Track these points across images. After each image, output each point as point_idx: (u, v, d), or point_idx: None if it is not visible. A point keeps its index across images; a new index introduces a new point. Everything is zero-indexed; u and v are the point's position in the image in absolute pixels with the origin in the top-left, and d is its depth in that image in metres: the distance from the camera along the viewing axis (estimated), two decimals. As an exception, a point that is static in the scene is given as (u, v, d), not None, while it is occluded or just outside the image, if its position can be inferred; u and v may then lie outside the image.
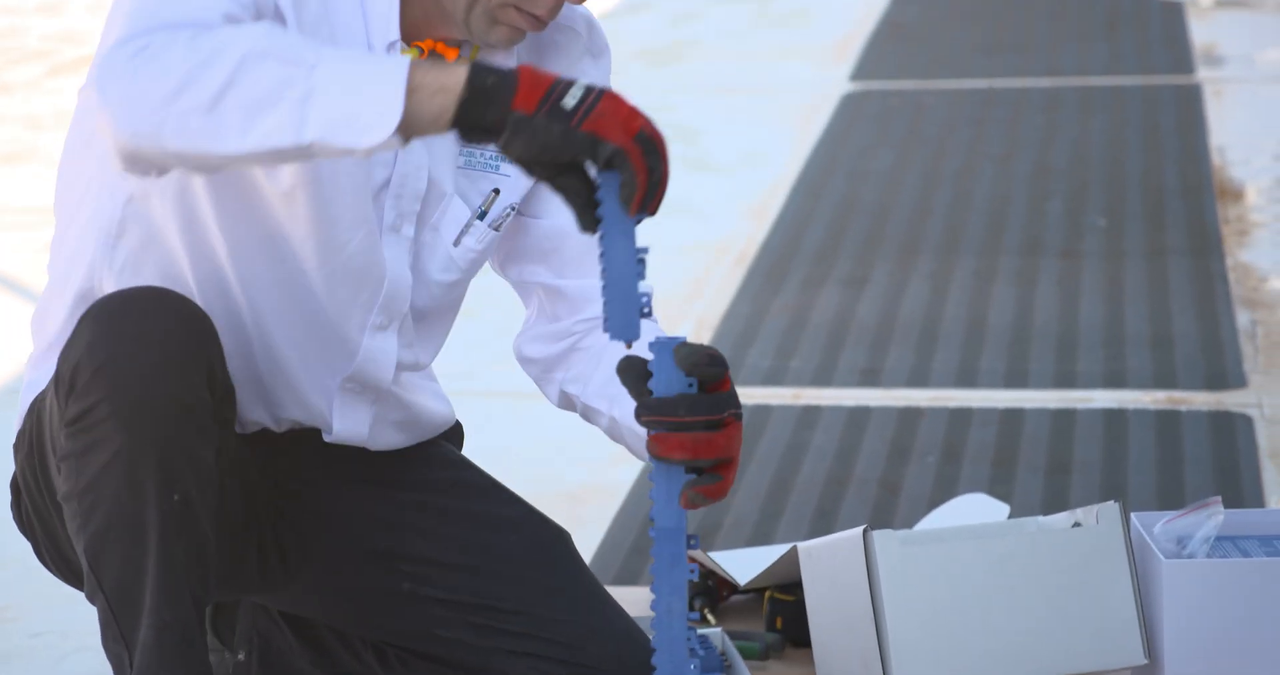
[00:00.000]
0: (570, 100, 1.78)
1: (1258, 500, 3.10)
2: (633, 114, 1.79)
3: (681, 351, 1.91)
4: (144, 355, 1.94)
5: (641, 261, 1.87)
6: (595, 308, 2.19)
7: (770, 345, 3.85)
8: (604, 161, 1.79)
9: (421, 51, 2.05)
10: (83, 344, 1.96)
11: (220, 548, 2.01)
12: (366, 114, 1.76)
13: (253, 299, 2.07)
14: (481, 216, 2.14)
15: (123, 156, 1.83)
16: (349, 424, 2.17)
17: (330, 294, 2.08)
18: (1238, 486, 3.16)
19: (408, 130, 1.77)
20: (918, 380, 3.67)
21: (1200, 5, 6.63)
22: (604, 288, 1.87)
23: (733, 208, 4.72)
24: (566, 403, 2.25)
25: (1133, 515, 2.45)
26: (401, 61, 1.78)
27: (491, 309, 3.10)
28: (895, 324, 3.95)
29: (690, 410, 1.91)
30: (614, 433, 2.19)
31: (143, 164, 1.84)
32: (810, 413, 3.52)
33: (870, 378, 3.69)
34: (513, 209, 2.16)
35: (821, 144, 5.24)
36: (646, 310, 1.88)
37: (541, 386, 2.27)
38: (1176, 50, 6.05)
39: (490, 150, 2.12)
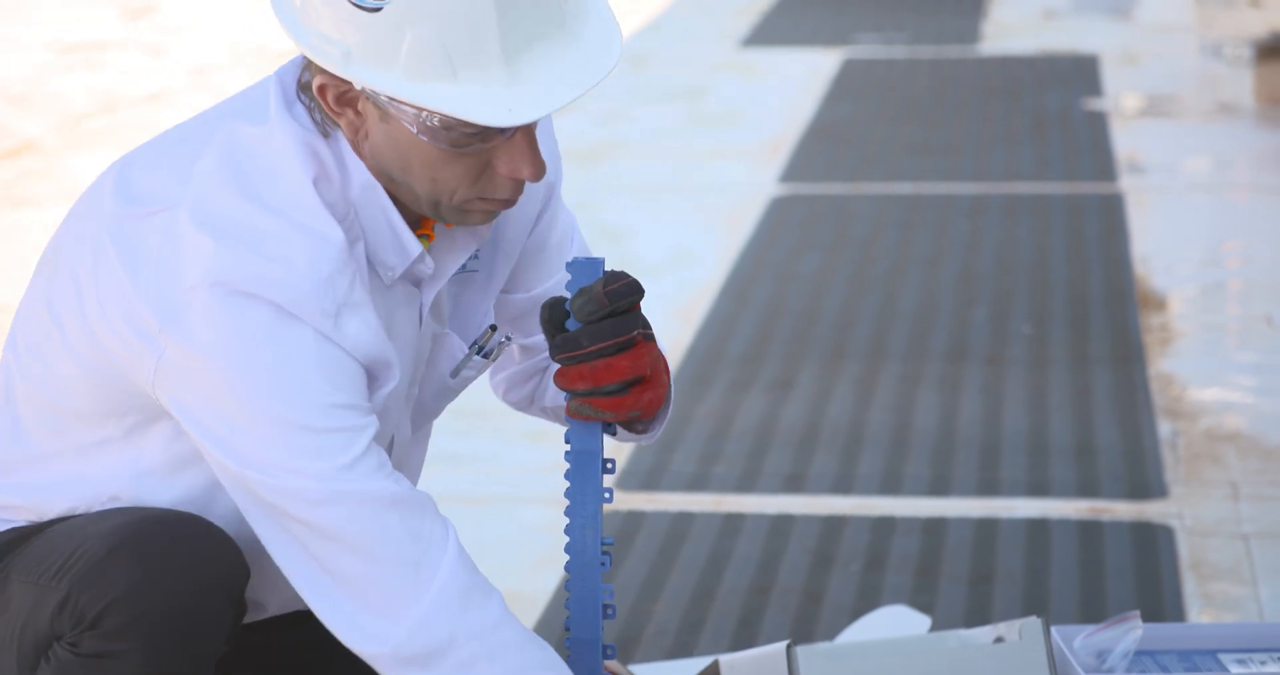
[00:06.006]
0: None
1: (1178, 613, 3.11)
2: None
3: (592, 290, 1.95)
4: (183, 613, 1.93)
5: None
6: None
7: (694, 451, 3.84)
8: None
9: (429, 237, 2.04)
10: (121, 584, 1.93)
11: None
12: None
13: None
14: (479, 352, 2.15)
15: None
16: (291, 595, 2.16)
17: None
18: (1159, 598, 3.17)
19: None
20: (842, 487, 3.67)
21: (1124, 113, 6.70)
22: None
23: (659, 310, 4.73)
24: (556, 416, 2.29)
25: (1053, 628, 2.45)
26: None
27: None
28: (820, 429, 3.95)
29: (592, 338, 1.96)
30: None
31: None
32: (733, 520, 3.52)
33: (794, 484, 3.68)
34: (508, 338, 2.17)
35: (749, 246, 5.26)
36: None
37: (530, 413, 2.33)
38: (1100, 157, 6.12)
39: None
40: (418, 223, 2.03)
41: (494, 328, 2.15)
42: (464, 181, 1.96)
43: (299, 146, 1.94)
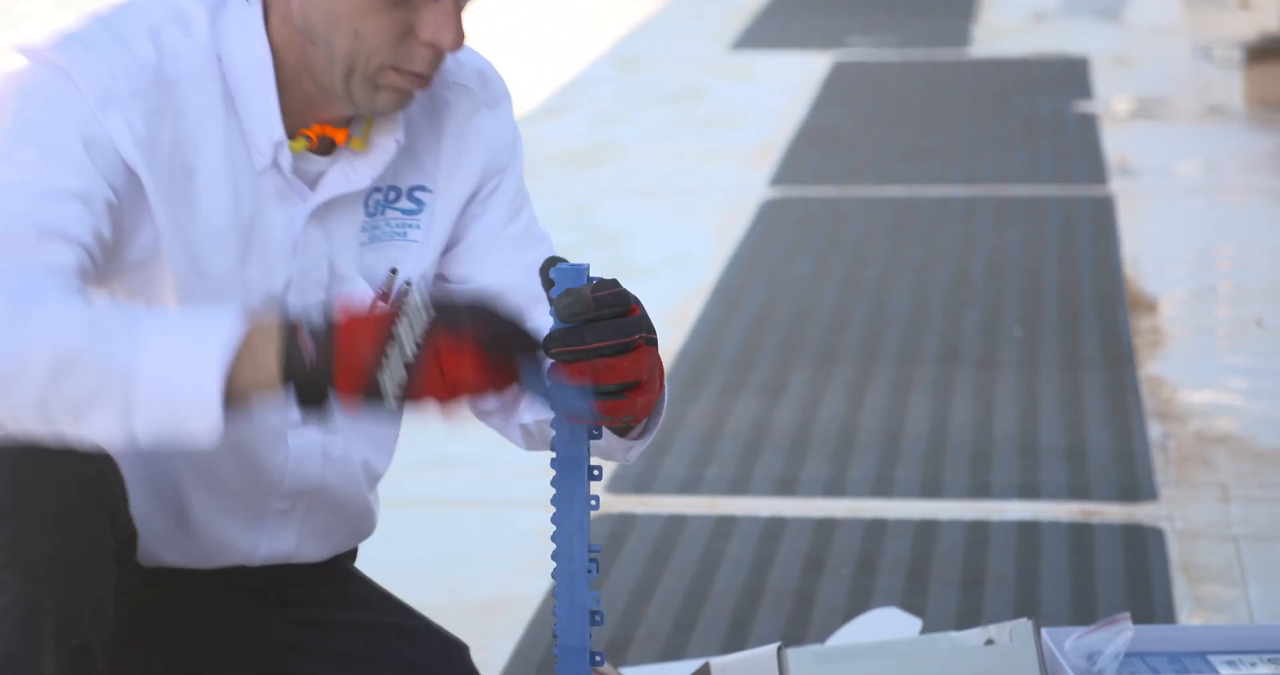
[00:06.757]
0: (389, 383, 1.80)
1: (1168, 615, 3.12)
2: (458, 364, 1.80)
3: (580, 292, 1.93)
4: (46, 503, 1.92)
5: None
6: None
7: (686, 453, 3.85)
8: None
9: (310, 140, 2.05)
10: None
11: None
12: (188, 425, 1.81)
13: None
14: (383, 298, 2.14)
15: None
16: (276, 544, 2.17)
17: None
18: (1149, 600, 3.18)
19: (233, 416, 1.82)
20: (834, 490, 3.67)
21: (1114, 116, 6.72)
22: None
23: (652, 312, 4.71)
24: (529, 438, 2.24)
25: (1043, 630, 2.45)
26: (217, 354, 1.80)
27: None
28: (812, 432, 3.96)
29: (597, 336, 1.92)
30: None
31: None
32: (725, 523, 3.52)
33: (786, 487, 3.69)
34: (408, 284, 2.15)
35: (741, 249, 5.27)
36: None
37: (505, 434, 2.27)
38: (1091, 160, 6.13)
39: (395, 218, 2.13)
40: (309, 126, 2.05)
41: (394, 271, 2.14)
42: (385, 40, 1.98)
43: (166, 3, 2.04)
